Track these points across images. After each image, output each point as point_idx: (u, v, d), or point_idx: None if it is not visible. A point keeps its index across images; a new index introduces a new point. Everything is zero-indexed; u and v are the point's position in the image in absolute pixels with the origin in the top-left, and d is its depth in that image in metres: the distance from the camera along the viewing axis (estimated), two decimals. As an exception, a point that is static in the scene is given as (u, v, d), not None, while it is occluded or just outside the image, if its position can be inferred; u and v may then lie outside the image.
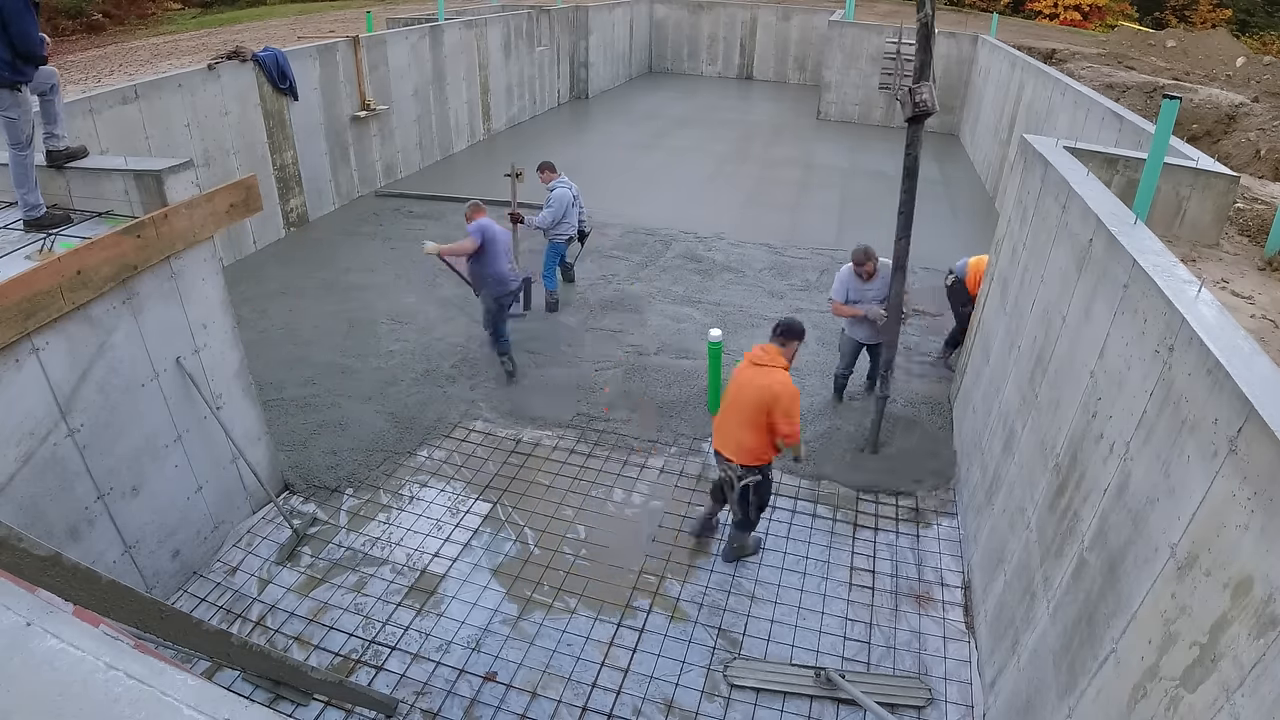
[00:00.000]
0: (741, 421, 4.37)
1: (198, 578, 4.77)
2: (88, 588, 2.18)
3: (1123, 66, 15.65)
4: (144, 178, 4.32)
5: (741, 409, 4.35)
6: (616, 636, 4.51)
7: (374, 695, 3.91)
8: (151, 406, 4.31)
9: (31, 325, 3.47)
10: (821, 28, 20.33)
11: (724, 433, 4.50)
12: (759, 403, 4.28)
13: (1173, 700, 2.24)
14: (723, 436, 4.51)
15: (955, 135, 17.30)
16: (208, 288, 4.65)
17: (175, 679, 1.37)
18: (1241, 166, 9.30)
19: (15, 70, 4.06)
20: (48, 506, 3.72)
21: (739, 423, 4.39)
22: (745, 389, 4.34)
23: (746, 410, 4.32)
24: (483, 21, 14.26)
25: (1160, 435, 2.64)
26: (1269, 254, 5.34)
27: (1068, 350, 3.81)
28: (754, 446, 4.40)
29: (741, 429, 4.39)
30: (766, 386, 4.27)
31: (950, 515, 5.50)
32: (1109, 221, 3.61)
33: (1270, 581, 1.93)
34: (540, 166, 8.05)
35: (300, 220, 10.33)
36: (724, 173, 13.73)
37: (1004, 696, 3.75)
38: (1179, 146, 6.13)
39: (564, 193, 7.78)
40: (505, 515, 5.41)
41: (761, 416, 4.30)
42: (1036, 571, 3.61)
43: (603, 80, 20.11)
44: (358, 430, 6.13)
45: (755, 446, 4.40)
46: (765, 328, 7.99)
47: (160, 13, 29.95)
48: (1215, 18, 33.68)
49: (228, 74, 8.75)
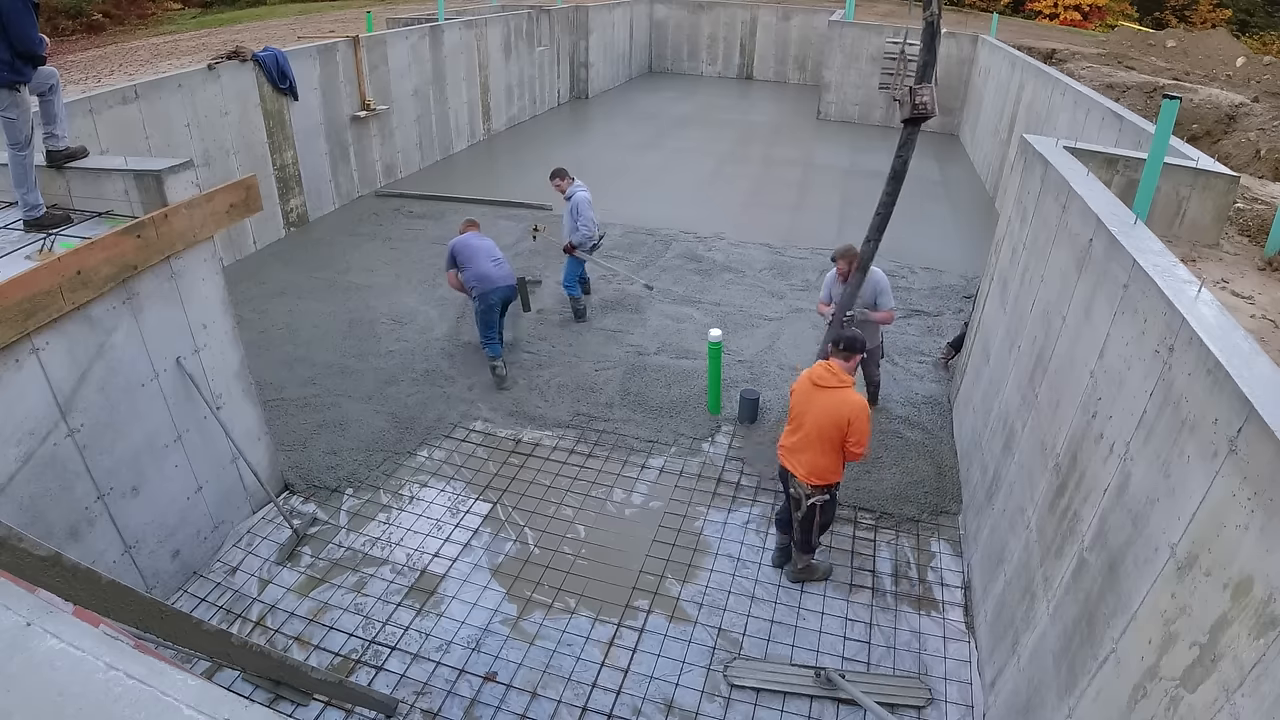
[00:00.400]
0: (814, 442, 4.31)
1: (198, 578, 4.77)
2: (88, 588, 2.18)
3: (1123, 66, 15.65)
4: (144, 178, 4.32)
5: (815, 430, 4.28)
6: (616, 636, 4.51)
7: (374, 695, 3.91)
8: (151, 406, 4.31)
9: (31, 325, 3.47)
10: (821, 28, 20.33)
11: (794, 453, 4.43)
12: (836, 424, 4.23)
13: (1173, 700, 2.24)
14: (792, 457, 4.44)
15: (955, 135, 17.30)
16: (208, 288, 4.65)
17: (175, 679, 1.37)
18: (1241, 166, 9.30)
19: (14, 70, 4.06)
20: (48, 506, 3.72)
21: (811, 444, 4.32)
22: (817, 410, 4.28)
23: (821, 431, 4.26)
24: (483, 21, 14.26)
25: (1160, 435, 2.64)
26: (1269, 254, 5.34)
27: (1068, 350, 3.81)
28: (826, 467, 4.36)
29: (814, 450, 4.32)
30: (839, 406, 4.23)
31: (950, 515, 5.50)
32: (1109, 221, 3.61)
33: (1270, 581, 1.93)
34: (553, 174, 7.76)
35: (300, 220, 10.33)
36: (724, 173, 13.73)
37: (1004, 696, 3.75)
38: (1179, 146, 6.13)
39: (583, 195, 7.61)
40: (505, 515, 5.41)
41: (837, 437, 4.25)
42: (1036, 571, 3.62)
43: (603, 80, 20.10)
44: (358, 430, 6.13)
45: (827, 467, 4.36)
46: (765, 328, 8.01)
47: (160, 13, 29.95)
48: (1215, 18, 33.68)
49: (228, 74, 8.75)
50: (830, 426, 4.24)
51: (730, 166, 14.11)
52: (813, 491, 4.41)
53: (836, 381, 4.28)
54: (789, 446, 4.46)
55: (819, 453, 4.32)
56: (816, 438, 4.29)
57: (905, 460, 6.00)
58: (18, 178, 4.19)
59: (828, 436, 4.26)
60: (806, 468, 4.37)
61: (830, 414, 4.24)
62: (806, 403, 4.35)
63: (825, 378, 4.30)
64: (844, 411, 4.22)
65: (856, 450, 4.31)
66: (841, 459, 4.39)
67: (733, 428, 6.39)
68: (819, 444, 4.30)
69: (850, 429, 4.22)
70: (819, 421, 4.26)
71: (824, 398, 4.28)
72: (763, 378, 7.07)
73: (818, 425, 4.27)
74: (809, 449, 4.34)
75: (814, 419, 4.28)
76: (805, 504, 4.44)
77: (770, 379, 7.06)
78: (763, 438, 6.21)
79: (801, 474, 4.40)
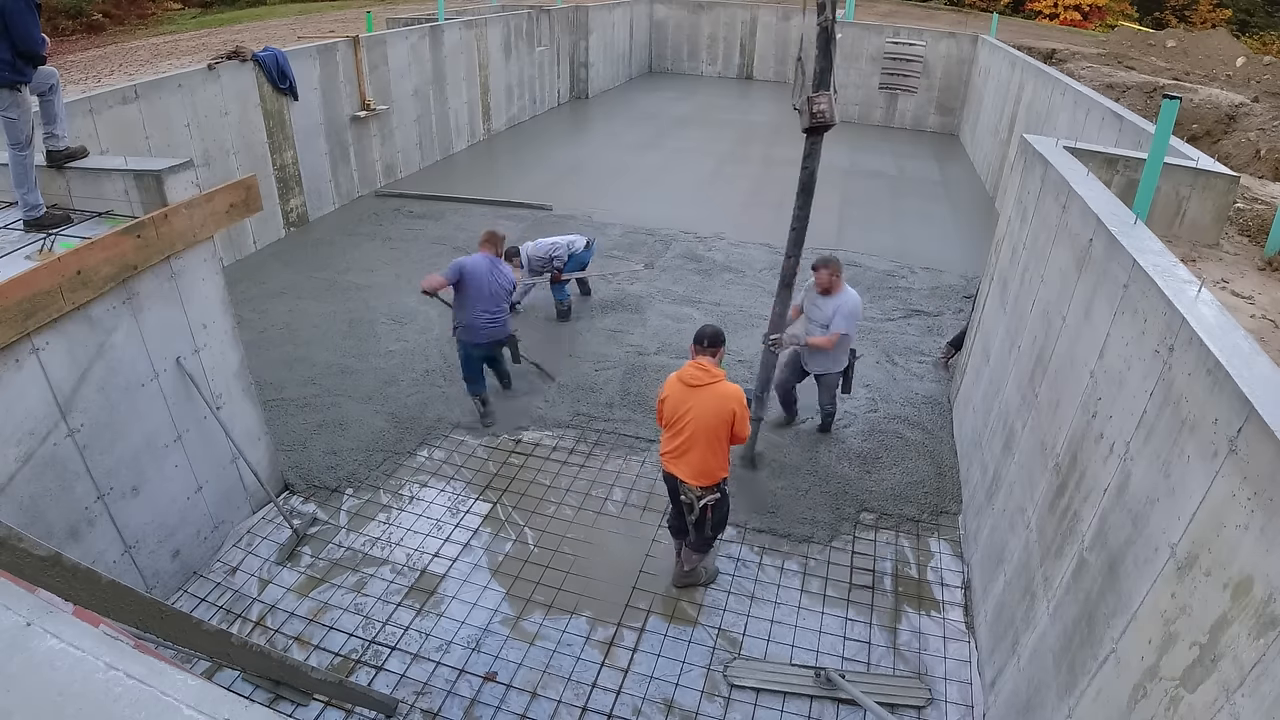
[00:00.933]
0: (700, 443, 4.20)
1: (198, 578, 4.77)
2: (88, 588, 2.18)
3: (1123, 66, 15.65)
4: (144, 178, 4.32)
5: (700, 430, 4.17)
6: (616, 636, 4.51)
7: (374, 695, 3.91)
8: (151, 406, 4.31)
9: (31, 325, 3.47)
10: (821, 28, 20.30)
11: (678, 459, 4.30)
12: (721, 418, 4.14)
13: (1173, 700, 2.24)
14: (677, 463, 4.31)
15: (955, 135, 17.31)
16: (208, 288, 4.65)
17: (175, 679, 1.37)
18: (1241, 166, 9.30)
19: (16, 70, 4.06)
20: (48, 506, 3.72)
21: (697, 444, 4.21)
22: (698, 410, 4.17)
23: (707, 430, 4.16)
24: (483, 21, 14.26)
25: (1160, 435, 2.64)
26: (1269, 254, 5.34)
27: (1068, 350, 3.81)
28: (715, 466, 4.28)
29: (700, 450, 4.22)
30: (722, 400, 4.14)
31: (950, 515, 5.50)
32: (1109, 221, 3.61)
33: (1270, 581, 1.93)
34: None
35: (300, 220, 10.33)
36: (724, 173, 13.73)
37: (1004, 696, 3.75)
38: (1179, 146, 6.13)
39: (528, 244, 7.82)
40: (505, 515, 5.41)
41: (724, 431, 4.18)
42: (1036, 571, 3.62)
43: (603, 80, 20.10)
44: (358, 430, 6.13)
45: (716, 465, 4.29)
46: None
47: (160, 13, 29.94)
48: (1215, 18, 33.68)
49: (228, 74, 8.75)
50: (716, 422, 4.15)
51: (730, 166, 14.11)
52: (703, 493, 4.33)
53: (709, 378, 4.18)
54: (672, 453, 4.33)
55: (706, 452, 4.22)
56: (703, 437, 4.18)
57: (905, 460, 6.00)
58: (18, 178, 4.19)
59: (714, 433, 4.17)
60: (694, 470, 4.27)
61: (714, 410, 4.15)
62: (684, 405, 4.21)
63: (698, 376, 4.19)
64: (728, 405, 4.15)
65: (745, 432, 4.30)
66: (726, 452, 4.32)
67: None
68: (705, 443, 4.20)
69: (736, 418, 4.17)
70: (703, 420, 4.16)
71: (702, 396, 4.17)
72: (763, 378, 7.06)
73: (703, 424, 4.16)
74: (694, 450, 4.23)
75: (696, 419, 4.17)
76: (698, 507, 4.36)
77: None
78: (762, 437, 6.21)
79: (689, 478, 4.30)
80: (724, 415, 4.15)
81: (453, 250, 9.68)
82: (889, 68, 17.55)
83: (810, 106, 4.72)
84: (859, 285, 9.06)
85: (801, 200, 5.07)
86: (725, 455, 4.32)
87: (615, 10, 20.24)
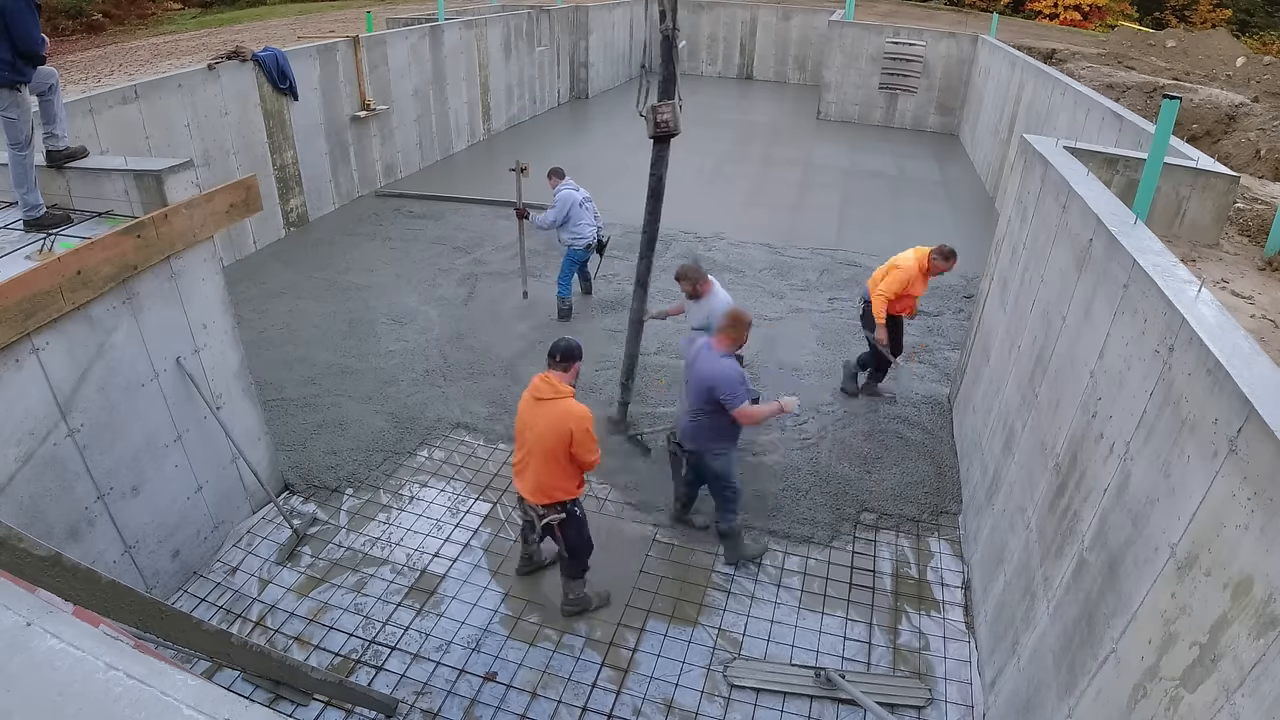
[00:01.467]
0: (537, 458, 4.06)
1: (198, 578, 4.77)
2: (88, 588, 2.18)
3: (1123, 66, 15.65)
4: (144, 178, 4.32)
5: (538, 446, 4.04)
6: (616, 636, 4.51)
7: (374, 695, 3.91)
8: (151, 406, 4.31)
9: (31, 325, 3.47)
10: (821, 28, 20.34)
11: (519, 474, 4.20)
12: (558, 436, 3.97)
13: (1173, 700, 2.24)
14: (519, 479, 4.21)
15: (955, 135, 17.31)
16: (208, 288, 4.65)
17: (175, 679, 1.37)
18: (1241, 166, 9.30)
19: (15, 70, 4.06)
20: (48, 506, 3.72)
21: (535, 460, 4.08)
22: (539, 425, 4.03)
23: (544, 446, 4.02)
24: (483, 21, 14.26)
25: (1160, 435, 2.64)
26: (1269, 254, 5.34)
27: (1068, 350, 3.81)
28: (553, 484, 4.13)
29: (537, 465, 4.08)
30: (561, 418, 3.97)
31: (950, 515, 5.50)
32: (1109, 221, 3.61)
33: (1270, 581, 1.93)
34: (549, 173, 7.93)
35: (300, 220, 10.33)
36: (724, 173, 13.73)
37: (1004, 696, 3.75)
38: (1179, 146, 6.13)
39: (568, 194, 7.71)
40: (505, 515, 5.41)
41: (561, 450, 4.00)
42: (1036, 571, 3.62)
43: (603, 80, 20.11)
44: (358, 430, 6.13)
45: (554, 484, 4.13)
46: (765, 328, 8.00)
47: (160, 13, 29.95)
48: (1215, 18, 33.69)
49: (228, 74, 8.75)
50: (554, 441, 3.98)
51: (730, 166, 14.11)
52: (545, 511, 4.18)
53: (554, 393, 4.01)
54: (516, 467, 4.23)
55: (543, 470, 4.07)
56: (540, 453, 4.04)
57: (905, 460, 6.00)
58: (18, 177, 4.19)
59: (550, 450, 4.01)
60: (532, 486, 4.14)
61: (552, 427, 3.98)
62: (529, 418, 4.08)
63: (543, 390, 4.02)
64: (566, 424, 3.96)
65: (589, 458, 4.06)
66: (571, 473, 4.13)
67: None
68: (542, 459, 4.05)
69: (574, 440, 3.98)
70: (541, 436, 4.01)
71: (544, 411, 4.01)
72: (763, 377, 7.07)
73: (540, 440, 4.01)
74: (533, 465, 4.09)
75: (536, 434, 4.03)
76: (540, 525, 4.23)
77: (770, 379, 7.06)
78: (762, 437, 6.21)
79: (528, 494, 4.18)
80: (561, 434, 3.97)
81: (452, 250, 9.69)
82: (889, 68, 17.54)
83: (654, 116, 4.78)
84: (859, 285, 9.06)
85: (651, 205, 5.20)
86: (568, 476, 4.12)
87: (615, 10, 20.25)
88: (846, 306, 8.46)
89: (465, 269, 9.16)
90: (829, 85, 18.15)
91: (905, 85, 17.60)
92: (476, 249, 9.75)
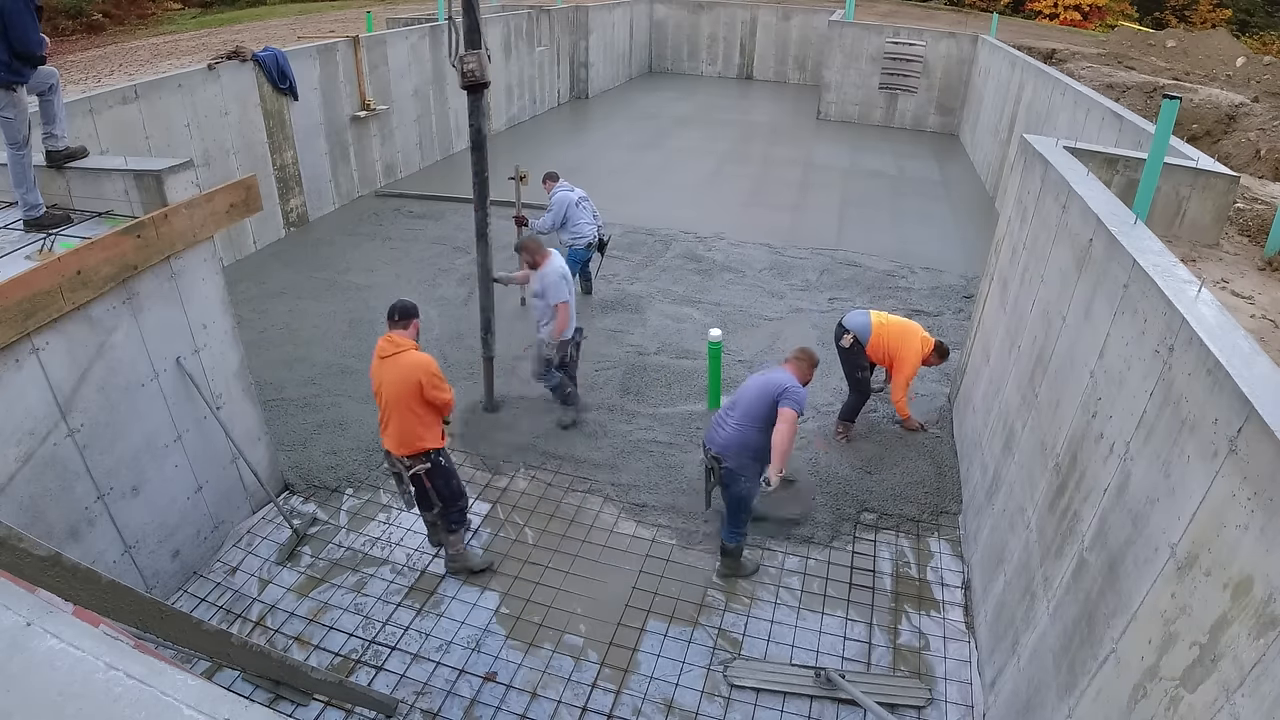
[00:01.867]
0: (396, 410, 4.34)
1: (198, 578, 4.77)
2: (88, 588, 2.18)
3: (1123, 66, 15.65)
4: (144, 178, 4.32)
5: (394, 398, 4.32)
6: (616, 636, 4.51)
7: (374, 695, 3.91)
8: (151, 406, 4.31)
9: (31, 325, 3.48)
10: (821, 28, 20.33)
11: (384, 431, 4.46)
12: (409, 384, 4.27)
13: (1173, 700, 2.24)
14: (384, 436, 4.48)
15: (955, 135, 17.31)
16: (208, 288, 4.65)
17: (175, 679, 1.37)
18: (1241, 166, 9.30)
19: (12, 71, 4.06)
20: (48, 506, 3.72)
21: (394, 412, 4.35)
22: (389, 379, 4.32)
23: (400, 397, 4.30)
24: (483, 21, 14.24)
25: (1160, 435, 2.64)
26: (1269, 254, 5.34)
27: (1068, 350, 3.81)
28: (414, 433, 4.39)
29: (397, 418, 4.35)
30: (409, 369, 4.28)
31: (950, 515, 5.50)
32: (1109, 221, 3.61)
33: (1270, 581, 1.93)
34: (544, 177, 8.02)
35: (300, 220, 10.33)
36: (724, 173, 13.73)
37: (1004, 696, 3.75)
38: (1179, 146, 6.13)
39: (564, 195, 7.74)
40: (505, 515, 5.41)
41: (415, 398, 4.30)
42: (1036, 571, 3.62)
43: (603, 80, 20.10)
44: (358, 430, 6.13)
45: (415, 433, 4.39)
46: (765, 328, 8.01)
47: (160, 13, 29.94)
48: (1215, 18, 33.68)
49: (228, 74, 8.75)
50: (406, 390, 4.28)
51: (730, 166, 14.11)
52: (411, 462, 4.43)
53: (396, 349, 4.31)
54: (381, 425, 4.48)
55: (403, 419, 4.34)
56: (396, 405, 4.32)
57: (905, 460, 6.00)
58: (16, 177, 4.19)
59: (405, 401, 4.30)
60: (396, 439, 4.40)
61: (402, 378, 4.27)
62: (381, 377, 4.36)
63: (387, 348, 4.33)
64: (415, 374, 4.27)
65: (443, 397, 4.37)
66: (429, 420, 4.41)
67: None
68: (400, 410, 4.32)
69: (424, 385, 4.28)
70: (395, 389, 4.29)
71: (392, 365, 4.30)
72: (763, 378, 7.06)
73: (395, 393, 4.30)
74: (393, 419, 4.36)
75: (389, 388, 4.31)
76: (408, 476, 4.46)
77: (770, 379, 7.05)
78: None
79: (394, 448, 4.42)
80: (411, 383, 4.27)
81: (452, 250, 9.69)
82: (889, 68, 17.54)
83: (461, 65, 4.98)
84: (859, 285, 9.09)
85: (475, 156, 5.45)
86: (426, 424, 4.41)
87: (615, 10, 20.24)
88: (847, 306, 8.45)
89: (465, 269, 9.15)
90: (829, 85, 18.15)
91: (905, 85, 17.60)
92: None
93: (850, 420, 6.24)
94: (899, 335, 6.04)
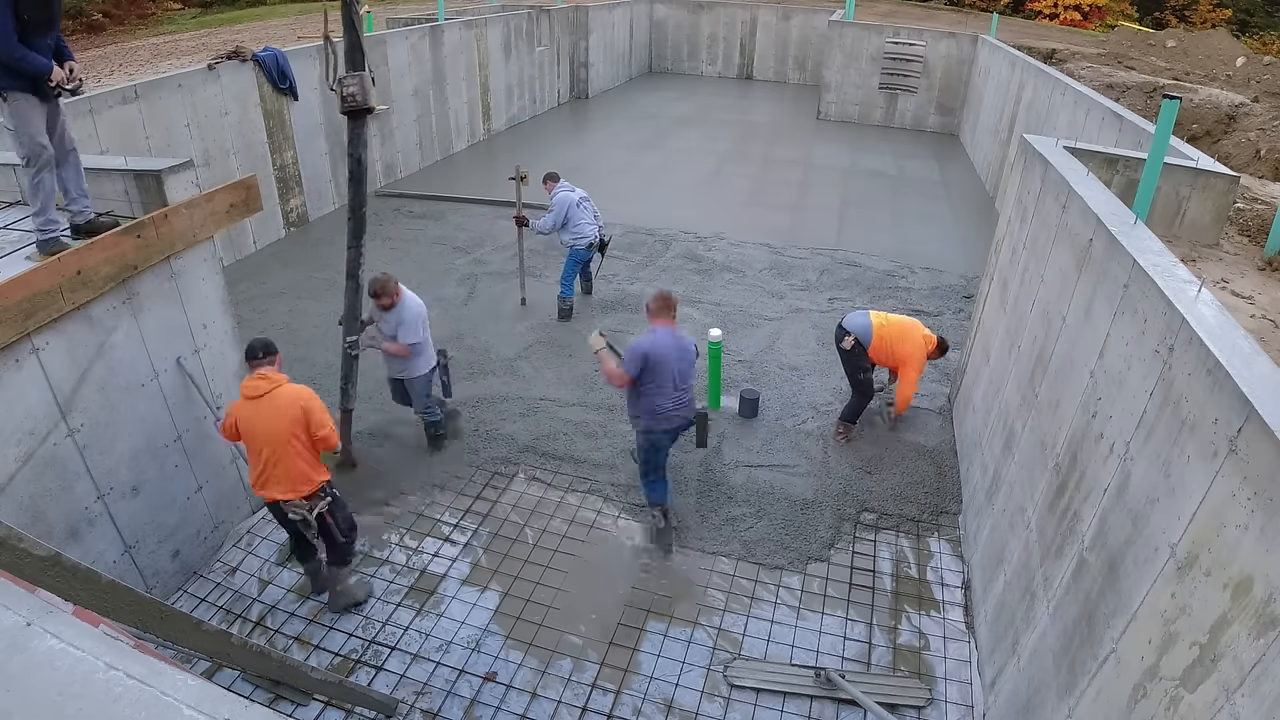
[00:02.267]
0: (281, 454, 4.01)
1: (198, 578, 4.77)
2: (88, 588, 2.18)
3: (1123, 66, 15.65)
4: (144, 178, 4.32)
5: (274, 441, 3.98)
6: (616, 636, 4.51)
7: (374, 695, 3.91)
8: (151, 406, 4.31)
9: (31, 325, 3.48)
10: (821, 28, 20.34)
11: (269, 482, 4.07)
12: (293, 419, 3.99)
13: (1173, 700, 2.24)
14: (271, 487, 4.08)
15: (955, 135, 17.31)
16: (208, 288, 4.65)
17: (175, 679, 1.38)
18: (1241, 166, 9.30)
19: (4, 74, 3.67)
20: (48, 506, 3.72)
21: (279, 457, 4.01)
22: (265, 421, 3.98)
23: (282, 437, 3.98)
24: (483, 21, 14.26)
25: (1160, 435, 2.64)
26: (1269, 254, 5.34)
27: (1068, 350, 3.81)
28: (306, 472, 4.10)
29: (285, 461, 4.03)
30: (289, 403, 4.00)
31: (950, 515, 5.50)
32: (1109, 221, 3.61)
33: (1270, 581, 1.93)
34: (545, 177, 7.96)
35: (300, 220, 10.33)
36: (724, 173, 13.73)
37: (1004, 696, 3.75)
38: (1179, 146, 6.13)
39: (564, 195, 7.72)
40: (505, 514, 5.41)
41: (301, 433, 4.01)
42: (1036, 571, 3.62)
43: (603, 80, 20.10)
44: (358, 430, 6.12)
45: (307, 472, 4.10)
46: (765, 328, 8.01)
47: (160, 13, 29.93)
48: (1215, 18, 33.68)
49: (228, 74, 8.75)
50: (289, 425, 3.98)
51: (730, 166, 14.11)
52: (313, 502, 4.15)
53: (271, 384, 4.02)
54: (260, 478, 4.09)
55: (291, 459, 4.03)
56: (281, 444, 3.99)
57: (905, 460, 6.00)
58: (30, 201, 3.95)
59: (289, 439, 3.99)
60: (286, 483, 4.06)
61: (283, 412, 3.98)
62: (252, 422, 4.02)
63: (259, 386, 4.01)
64: (297, 404, 4.00)
65: (329, 436, 4.10)
66: (313, 453, 4.12)
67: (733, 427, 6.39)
68: (285, 450, 4.00)
69: (311, 417, 4.02)
70: (274, 430, 3.97)
71: (267, 405, 3.99)
72: (763, 378, 7.07)
73: (277, 431, 3.97)
74: (279, 462, 4.02)
75: (268, 429, 3.98)
76: (313, 519, 4.17)
77: (770, 379, 7.06)
78: (761, 436, 6.21)
79: (290, 494, 4.09)
80: (296, 416, 3.99)
81: (452, 250, 9.69)
82: (889, 68, 17.54)
83: (341, 89, 4.38)
84: (859, 285, 9.08)
85: (353, 189, 4.90)
86: (311, 459, 4.12)
87: (615, 10, 20.24)
88: (847, 307, 8.45)
89: (465, 269, 9.16)
90: (829, 85, 18.15)
91: (905, 85, 17.60)
92: (476, 249, 9.75)
93: (852, 421, 6.23)
94: (901, 335, 6.04)
